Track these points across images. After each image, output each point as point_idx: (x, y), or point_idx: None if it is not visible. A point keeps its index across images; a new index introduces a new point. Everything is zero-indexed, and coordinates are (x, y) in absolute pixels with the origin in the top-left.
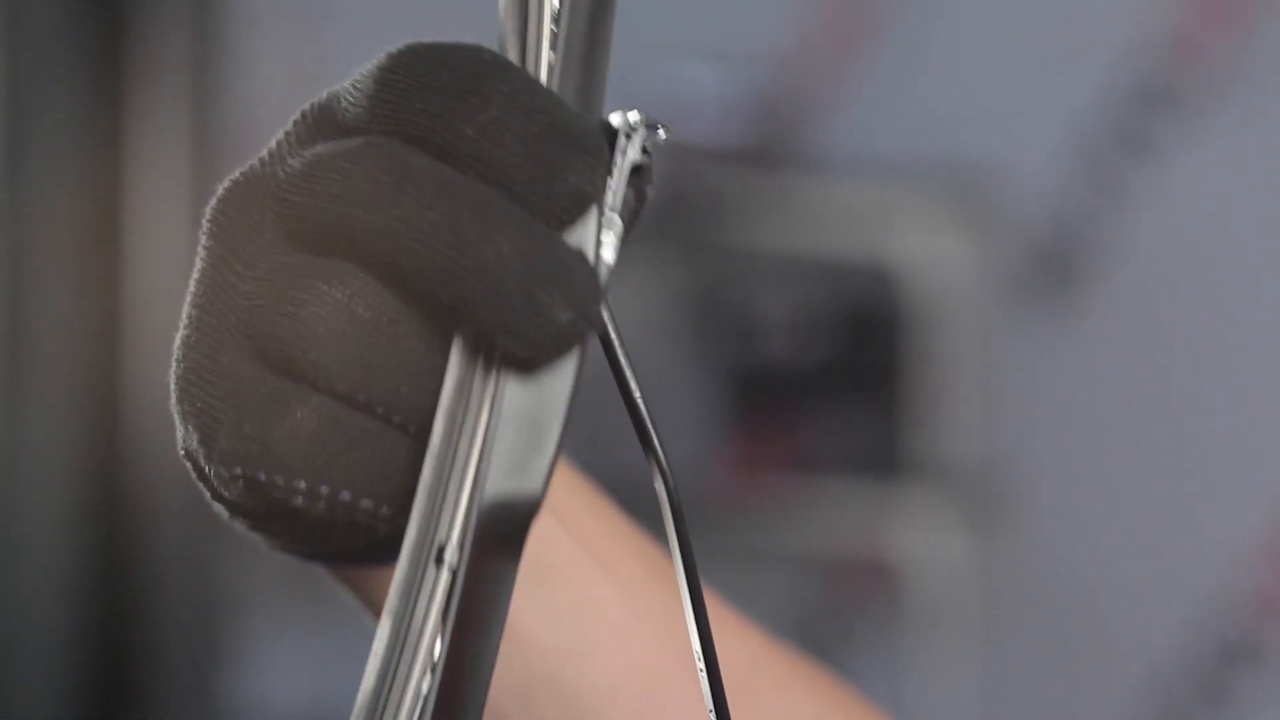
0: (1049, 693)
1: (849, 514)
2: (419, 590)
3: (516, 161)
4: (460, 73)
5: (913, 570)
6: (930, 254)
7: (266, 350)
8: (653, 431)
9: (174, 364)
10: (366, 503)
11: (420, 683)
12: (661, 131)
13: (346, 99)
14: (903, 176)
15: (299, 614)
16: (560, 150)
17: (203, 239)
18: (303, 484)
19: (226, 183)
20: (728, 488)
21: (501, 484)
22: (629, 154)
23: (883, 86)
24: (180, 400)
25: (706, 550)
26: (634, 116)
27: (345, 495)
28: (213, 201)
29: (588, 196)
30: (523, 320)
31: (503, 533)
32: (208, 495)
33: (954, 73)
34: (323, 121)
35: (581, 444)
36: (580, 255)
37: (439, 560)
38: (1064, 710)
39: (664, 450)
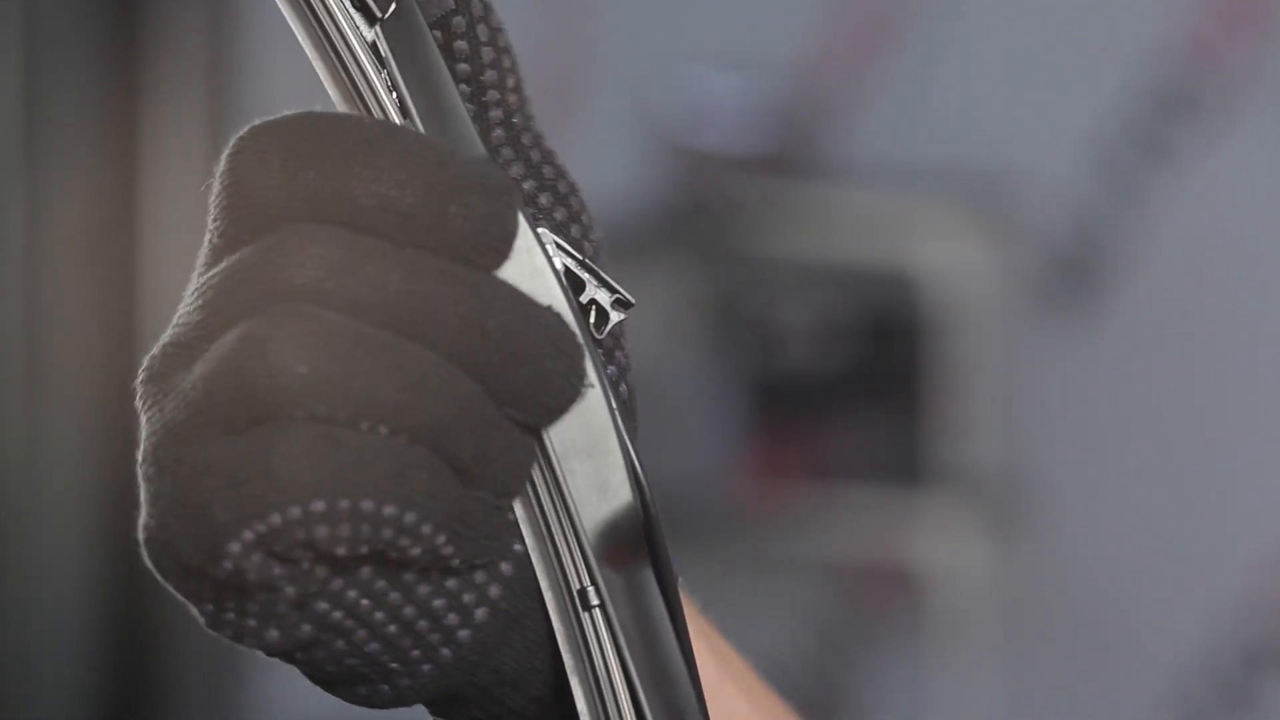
0: (1071, 699)
1: (871, 521)
2: (584, 639)
3: (442, 214)
4: (351, 138)
5: (935, 577)
6: (950, 260)
7: (232, 395)
8: (628, 442)
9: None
10: (390, 509)
11: (630, 713)
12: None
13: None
14: (922, 183)
15: None
16: (480, 198)
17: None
18: (321, 504)
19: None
20: (749, 496)
21: (596, 512)
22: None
23: (902, 94)
24: (161, 549)
25: (729, 559)
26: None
27: (367, 504)
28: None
29: (511, 234)
30: (526, 391)
31: (620, 550)
32: (230, 635)
33: (973, 79)
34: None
35: None
36: (559, 316)
37: (586, 605)
38: (1087, 716)
39: (639, 459)
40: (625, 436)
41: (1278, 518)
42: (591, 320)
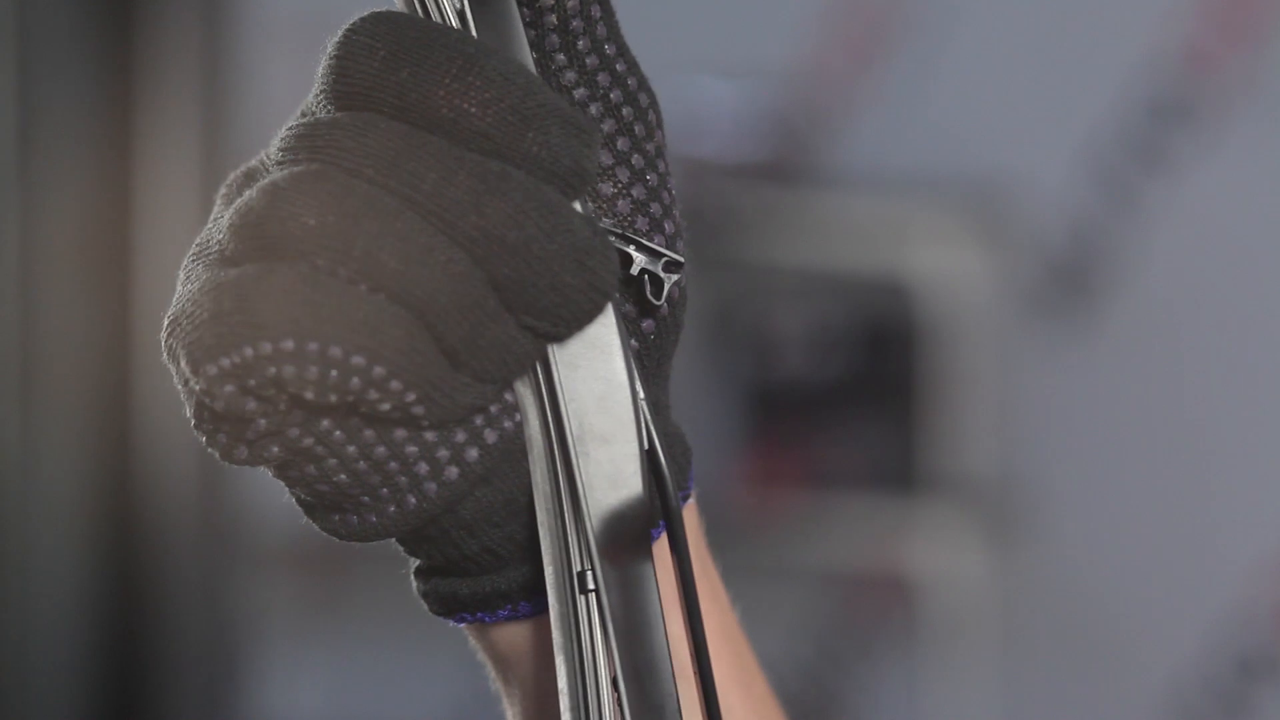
0: (1067, 707)
1: (866, 529)
2: (575, 620)
3: (519, 139)
4: (453, 50)
5: (931, 585)
6: (946, 268)
7: (244, 233)
8: (655, 437)
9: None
10: (358, 359)
11: (609, 701)
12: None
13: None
14: (918, 191)
15: (315, 633)
16: (560, 130)
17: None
18: (290, 343)
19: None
20: (745, 503)
21: (606, 499)
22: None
23: (898, 101)
24: (169, 348)
25: (724, 566)
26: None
27: (335, 350)
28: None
29: (589, 174)
30: (543, 298)
31: (624, 541)
32: (219, 451)
33: (969, 87)
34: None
35: None
36: (594, 227)
37: (583, 588)
38: None
39: (662, 449)
40: (651, 434)
41: (1273, 525)
42: (648, 290)
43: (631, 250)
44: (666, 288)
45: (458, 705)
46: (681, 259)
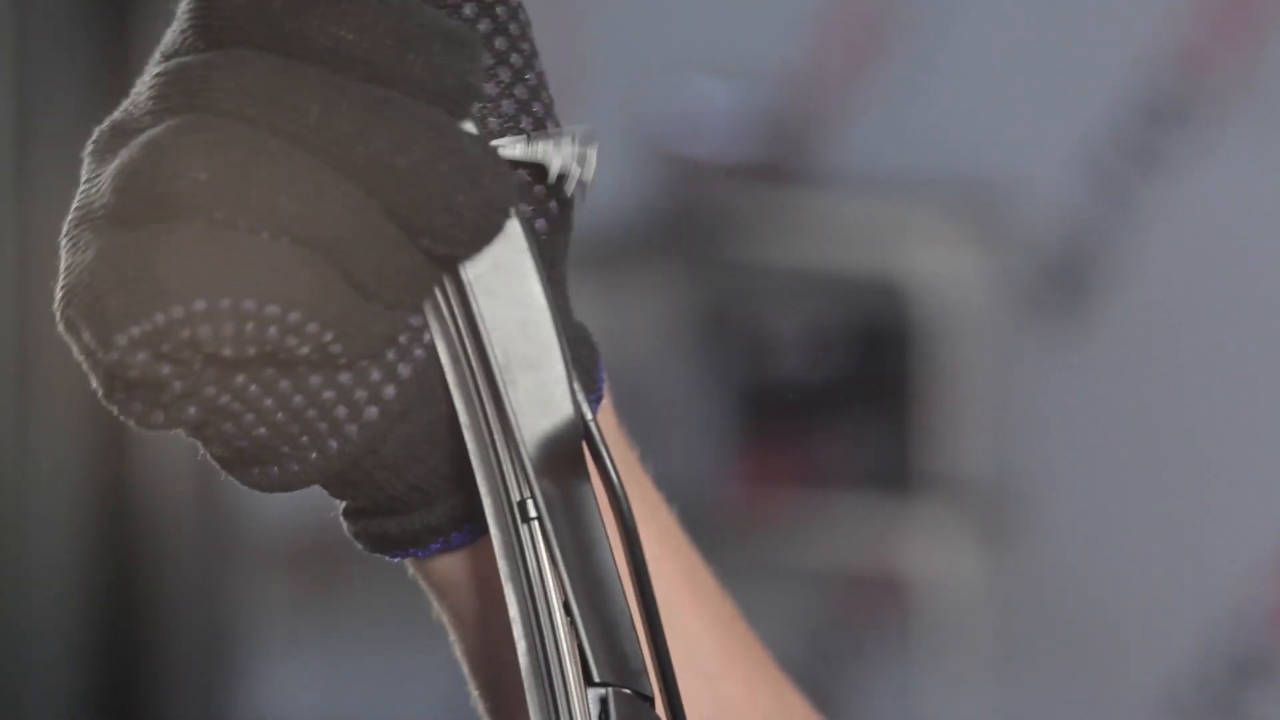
0: (1062, 708)
1: (861, 529)
2: (520, 549)
3: (399, 61)
4: None
5: (925, 585)
6: (941, 269)
7: (133, 194)
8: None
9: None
10: (273, 308)
11: (562, 625)
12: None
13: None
14: (913, 192)
15: (309, 634)
16: (442, 48)
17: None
18: (202, 303)
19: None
20: (740, 503)
21: (539, 425)
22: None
23: (893, 102)
24: (67, 320)
25: (718, 566)
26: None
27: (249, 303)
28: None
29: (474, 89)
30: (438, 219)
31: (560, 464)
32: (136, 419)
33: (964, 88)
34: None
35: None
36: (484, 145)
37: (525, 517)
38: None
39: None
40: (568, 355)
41: (1267, 526)
42: (582, 169)
43: (535, 146)
44: (592, 159)
45: (454, 706)
46: (589, 127)
